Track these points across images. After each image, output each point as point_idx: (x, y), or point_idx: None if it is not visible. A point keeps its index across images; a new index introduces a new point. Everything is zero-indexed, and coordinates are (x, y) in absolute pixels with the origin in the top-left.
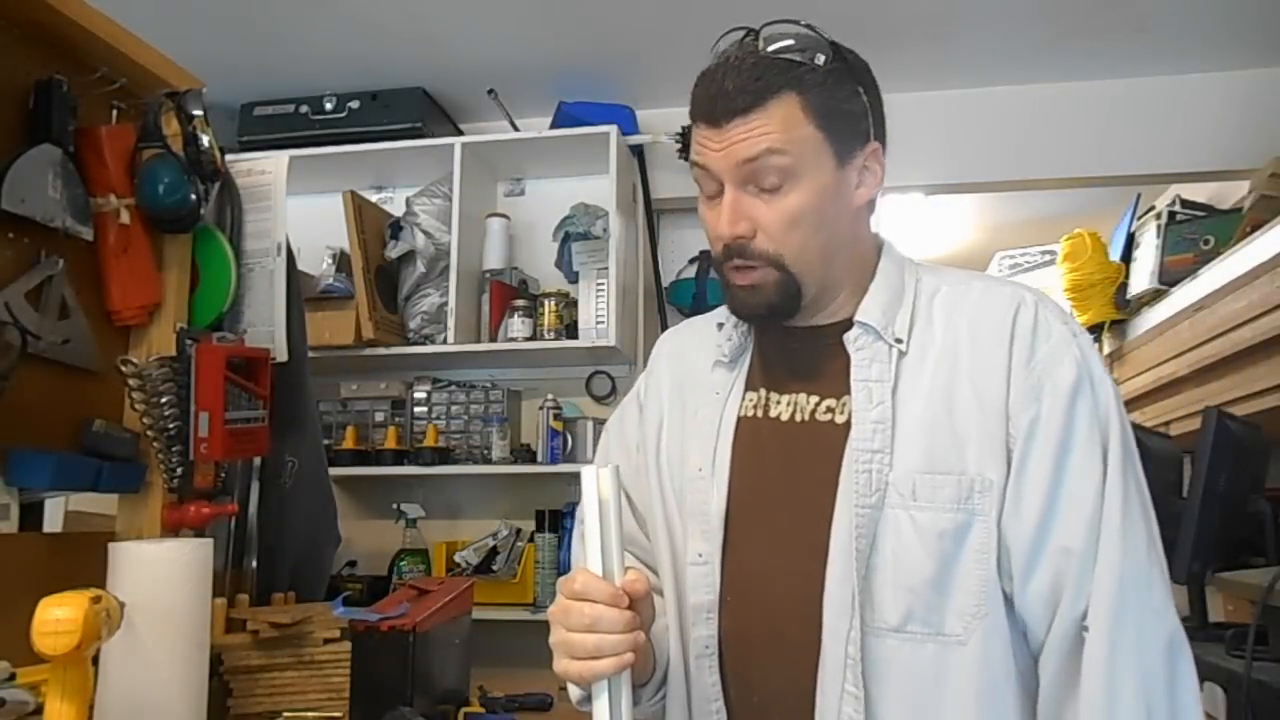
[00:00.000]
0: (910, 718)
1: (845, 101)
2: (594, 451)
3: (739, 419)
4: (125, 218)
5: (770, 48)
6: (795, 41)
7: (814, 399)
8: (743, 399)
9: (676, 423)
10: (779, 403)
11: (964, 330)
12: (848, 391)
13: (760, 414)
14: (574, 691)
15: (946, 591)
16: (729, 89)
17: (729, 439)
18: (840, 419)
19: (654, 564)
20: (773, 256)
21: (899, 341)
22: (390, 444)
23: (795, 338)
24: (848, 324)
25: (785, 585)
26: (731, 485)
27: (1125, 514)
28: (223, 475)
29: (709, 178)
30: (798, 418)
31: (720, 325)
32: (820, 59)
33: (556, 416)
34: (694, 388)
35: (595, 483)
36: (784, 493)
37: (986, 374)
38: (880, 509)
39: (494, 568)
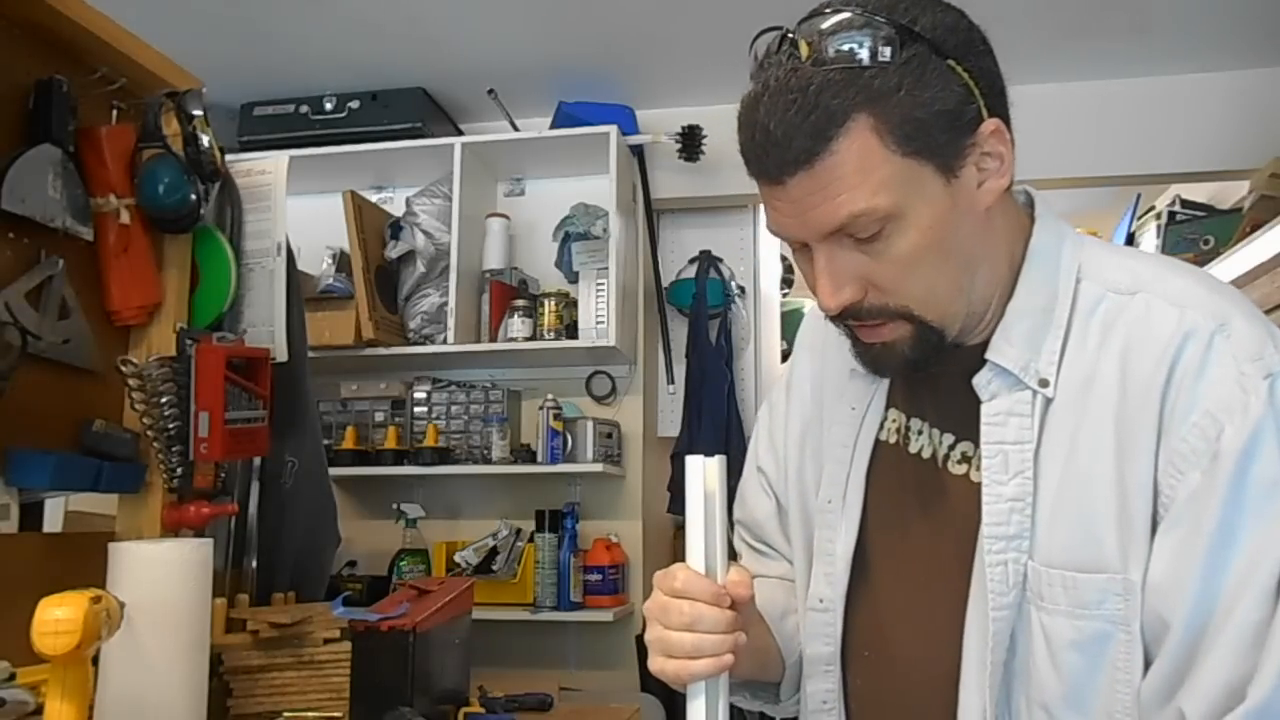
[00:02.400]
0: None
1: (935, 98)
2: (594, 452)
3: (876, 443)
4: (125, 218)
5: (821, 55)
6: (851, 37)
7: (949, 437)
8: (883, 420)
9: (815, 436)
10: (919, 434)
11: (1115, 363)
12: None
13: (900, 442)
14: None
15: (1086, 712)
16: (779, 136)
17: (863, 468)
18: (976, 477)
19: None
20: (896, 310)
21: (1044, 385)
22: (390, 444)
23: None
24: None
25: (922, 649)
26: (864, 524)
27: None
28: (223, 475)
29: (794, 241)
30: (931, 455)
31: None
32: (887, 52)
33: (556, 416)
34: (832, 395)
35: (701, 474)
36: (923, 544)
37: (1133, 433)
38: (1018, 608)
39: (494, 568)
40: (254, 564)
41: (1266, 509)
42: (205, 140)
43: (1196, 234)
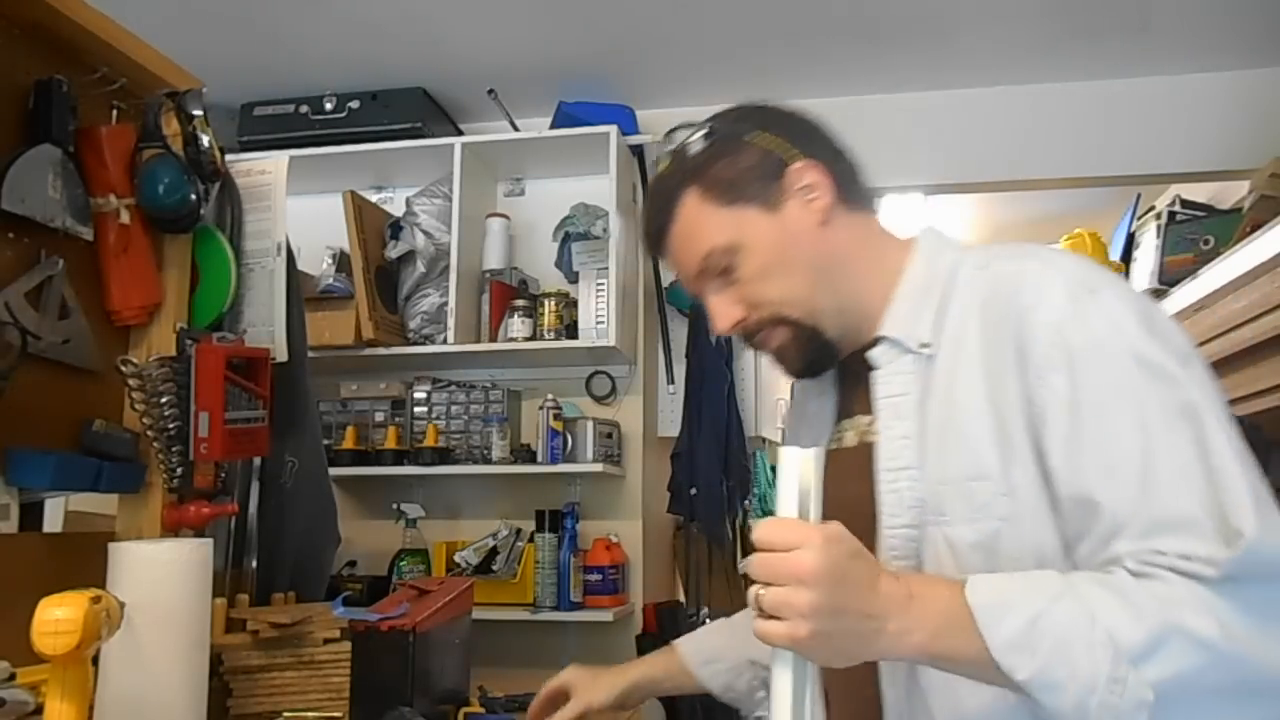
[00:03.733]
0: None
1: (739, 160)
2: (594, 452)
3: (829, 453)
4: (125, 218)
5: (663, 159)
6: (672, 142)
7: (866, 418)
8: (832, 434)
9: None
10: (849, 429)
11: (977, 319)
12: None
13: (840, 444)
14: None
15: None
16: (647, 223)
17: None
18: (875, 438)
19: None
20: (771, 318)
21: (924, 346)
22: (390, 444)
23: (854, 360)
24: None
25: None
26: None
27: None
28: (223, 475)
29: (692, 291)
30: (853, 441)
31: None
32: (696, 145)
33: (556, 416)
34: (804, 423)
35: (798, 467)
36: (856, 523)
37: (999, 366)
38: (919, 528)
39: (494, 568)
40: (254, 564)
41: (1128, 379)
42: (205, 140)
43: (1196, 234)
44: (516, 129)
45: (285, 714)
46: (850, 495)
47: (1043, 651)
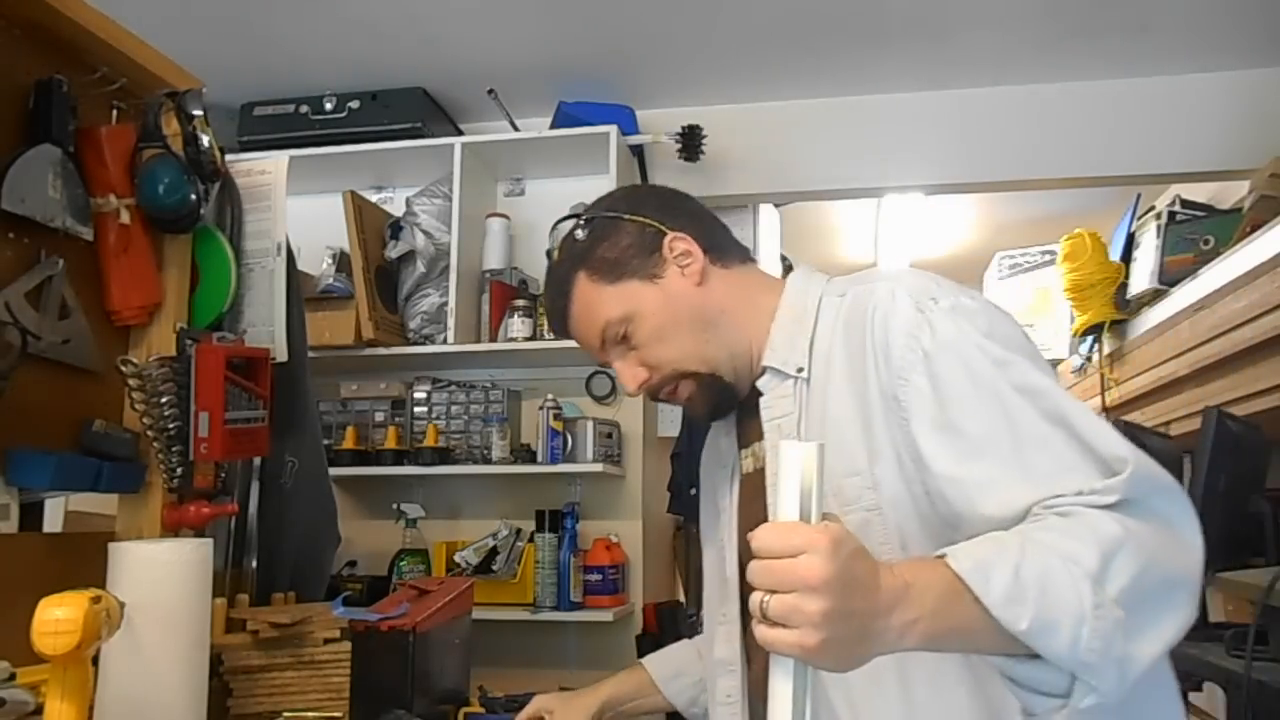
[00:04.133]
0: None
1: (616, 243)
2: (594, 452)
3: (739, 481)
4: (125, 218)
5: (554, 255)
6: (560, 233)
7: (762, 445)
8: (738, 462)
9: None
10: (749, 456)
11: (840, 338)
12: None
13: (743, 469)
14: None
15: None
16: (550, 305)
17: (736, 506)
18: (766, 461)
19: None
20: (672, 374)
21: (800, 371)
22: (390, 444)
23: (749, 398)
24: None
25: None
26: (740, 549)
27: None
28: (223, 475)
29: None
30: (752, 466)
31: None
32: (579, 232)
33: (556, 416)
34: (715, 462)
35: (799, 462)
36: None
37: (860, 375)
38: None
39: (494, 568)
40: (254, 564)
41: (979, 369)
42: (205, 140)
43: (1196, 234)
44: (516, 129)
45: (285, 714)
46: (754, 515)
47: (1032, 598)
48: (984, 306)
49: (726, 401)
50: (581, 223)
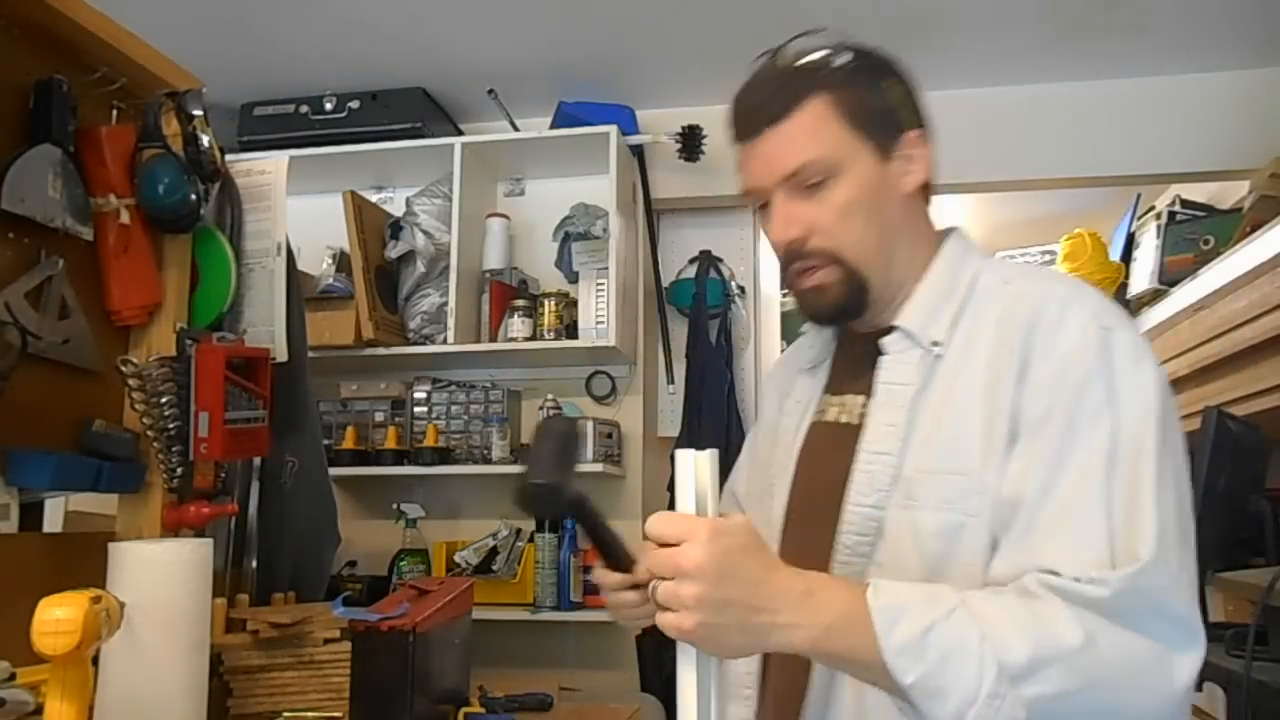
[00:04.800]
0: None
1: (874, 96)
2: (594, 452)
3: (811, 425)
4: (125, 218)
5: (793, 60)
6: (816, 47)
7: (860, 399)
8: (820, 406)
9: (770, 444)
10: (837, 405)
11: (992, 330)
12: None
13: (825, 417)
14: None
15: None
16: (758, 102)
17: (798, 446)
18: (862, 420)
19: None
20: (830, 252)
21: (935, 345)
22: (390, 444)
23: (860, 341)
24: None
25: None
26: (792, 492)
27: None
28: (223, 475)
29: (760, 193)
30: (844, 419)
31: (805, 332)
32: (842, 59)
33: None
34: (788, 403)
35: (692, 469)
36: (825, 496)
37: (1002, 375)
38: (883, 510)
39: (494, 568)
40: (254, 564)
41: (1095, 427)
42: (205, 140)
43: (1196, 234)
44: (516, 129)
45: (285, 714)
46: (823, 467)
47: (930, 659)
48: (1147, 346)
49: (853, 311)
50: (851, 56)
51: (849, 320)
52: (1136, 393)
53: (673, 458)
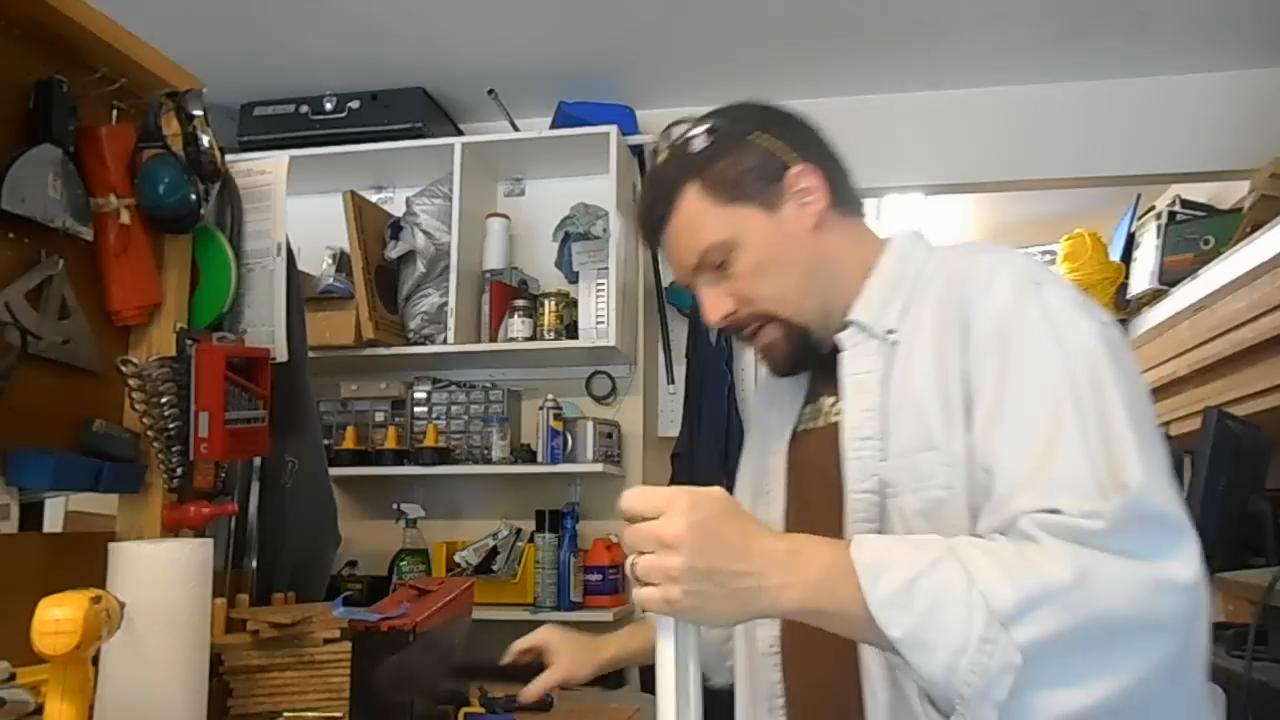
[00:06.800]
0: None
1: (741, 160)
2: (594, 451)
3: (797, 434)
4: (125, 218)
5: (660, 157)
6: (675, 135)
7: (832, 399)
8: (801, 414)
9: (760, 456)
10: (814, 410)
11: (934, 308)
12: None
13: (808, 424)
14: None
15: None
16: (645, 209)
17: (784, 454)
18: (839, 417)
19: None
20: (762, 314)
21: (890, 332)
22: (390, 444)
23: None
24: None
25: None
26: (787, 500)
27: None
28: (223, 475)
29: (686, 283)
30: (822, 422)
31: None
32: (699, 140)
33: (556, 416)
34: (771, 416)
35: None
36: (817, 497)
37: (946, 347)
38: (881, 495)
39: (494, 568)
40: (254, 564)
41: (1046, 371)
42: (205, 140)
43: (1196, 234)
44: (516, 129)
45: (285, 714)
46: (822, 469)
47: (917, 610)
48: (1083, 296)
49: (808, 356)
50: (705, 131)
51: (810, 364)
52: (1077, 332)
53: (673, 458)
